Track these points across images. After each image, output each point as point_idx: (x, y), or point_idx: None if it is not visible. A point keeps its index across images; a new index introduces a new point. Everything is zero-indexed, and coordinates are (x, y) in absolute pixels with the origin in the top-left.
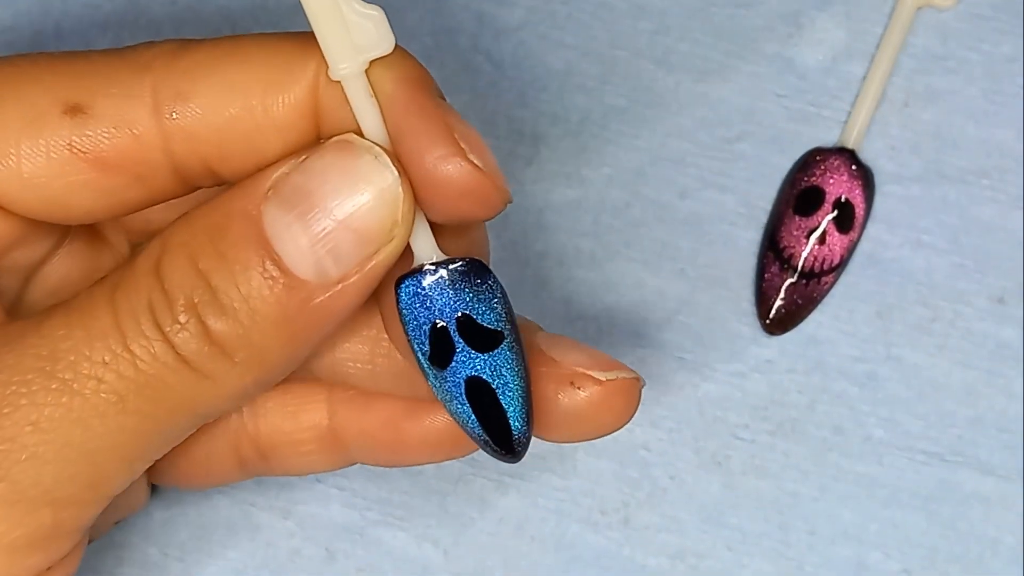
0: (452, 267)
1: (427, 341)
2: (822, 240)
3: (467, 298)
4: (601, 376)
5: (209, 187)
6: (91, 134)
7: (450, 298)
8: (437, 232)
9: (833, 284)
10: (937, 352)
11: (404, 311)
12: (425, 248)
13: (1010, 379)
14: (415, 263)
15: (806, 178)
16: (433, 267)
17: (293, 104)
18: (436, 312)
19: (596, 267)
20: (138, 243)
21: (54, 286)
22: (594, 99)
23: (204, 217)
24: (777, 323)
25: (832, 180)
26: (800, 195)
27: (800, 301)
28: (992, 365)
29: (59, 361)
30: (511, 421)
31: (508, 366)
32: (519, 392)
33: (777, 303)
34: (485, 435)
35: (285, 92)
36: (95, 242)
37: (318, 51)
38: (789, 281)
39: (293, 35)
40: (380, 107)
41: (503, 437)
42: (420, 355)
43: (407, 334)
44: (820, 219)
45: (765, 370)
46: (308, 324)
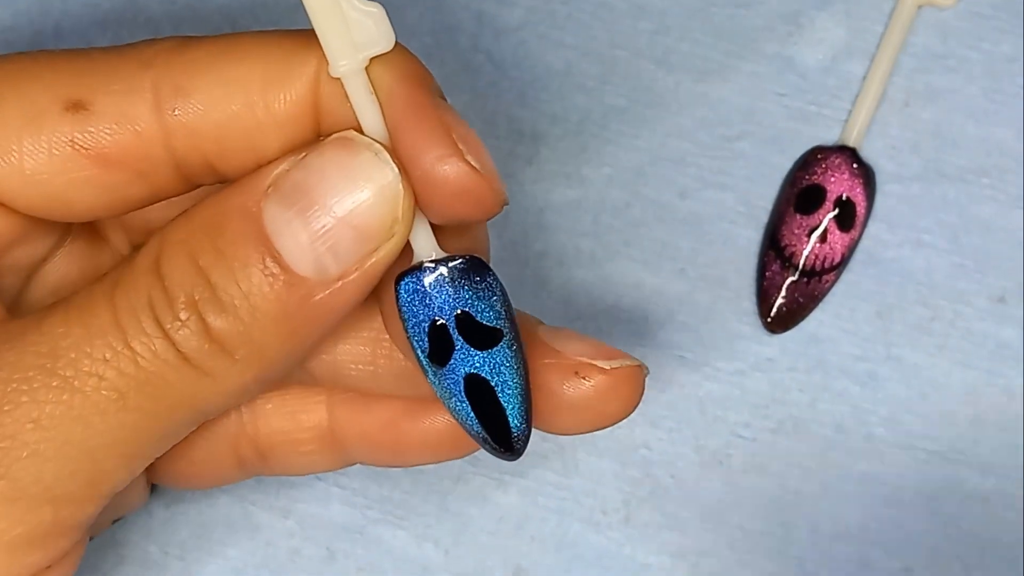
0: (452, 265)
1: (426, 339)
2: (823, 238)
3: (466, 296)
4: (605, 365)
5: (210, 184)
6: (93, 130)
7: (449, 295)
8: (437, 230)
9: (834, 283)
10: (937, 352)
11: (403, 308)
12: (425, 245)
13: (1010, 379)
14: (415, 260)
15: (807, 176)
16: (433, 264)
17: (294, 101)
18: (435, 309)
19: (596, 267)
20: (138, 243)
21: (55, 285)
22: (594, 99)
23: (203, 214)
24: (778, 321)
25: (833, 178)
26: (801, 193)
27: (801, 299)
28: (992, 365)
29: (60, 358)
30: (510, 419)
31: (507, 364)
32: (518, 390)
33: (778, 302)
34: (484, 433)
35: (286, 89)
36: (96, 241)
37: (319, 48)
38: (790, 279)
39: (294, 32)
40: (380, 104)
41: (502, 435)
42: (419, 353)
43: (406, 331)
44: (821, 217)
45: (766, 368)
46: (308, 321)
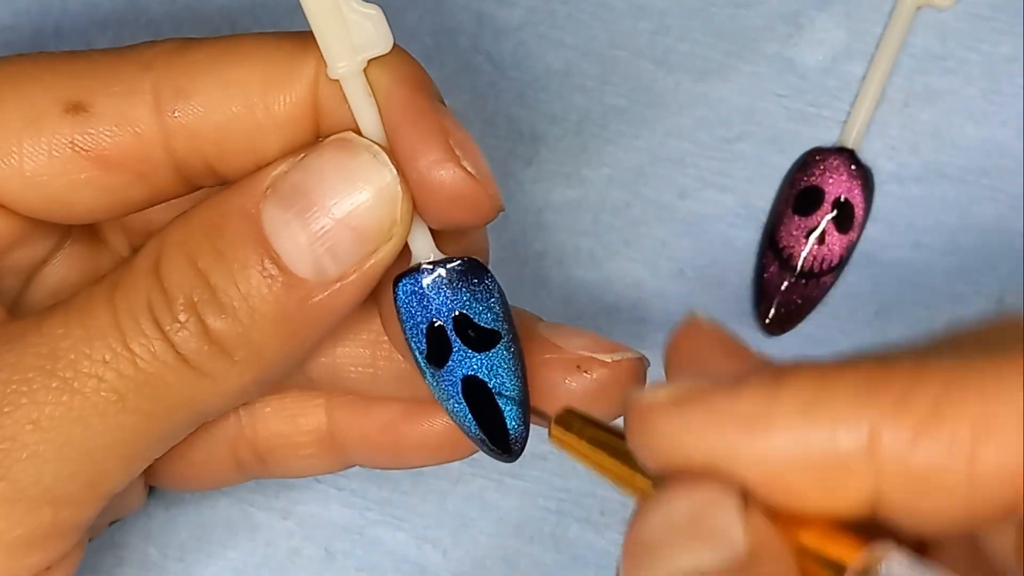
0: (450, 266)
1: (424, 340)
2: (821, 240)
3: (464, 297)
4: (606, 358)
5: (210, 186)
6: (93, 132)
7: (447, 297)
8: (435, 232)
9: (832, 284)
10: None
11: (402, 310)
12: (423, 247)
13: None
14: (413, 262)
15: (805, 178)
16: (431, 266)
17: (293, 102)
18: (433, 311)
19: (596, 267)
20: (138, 245)
21: (54, 287)
22: (594, 99)
23: (202, 215)
24: (776, 323)
25: (832, 180)
26: (799, 195)
27: (799, 301)
28: None
29: (59, 360)
30: (508, 420)
31: (505, 366)
32: (516, 391)
33: (776, 303)
34: (482, 434)
35: (286, 90)
36: (95, 244)
37: (318, 49)
38: (788, 281)
39: (293, 34)
40: (378, 106)
41: (500, 436)
42: (417, 354)
43: (404, 333)
44: (819, 219)
45: None
46: (307, 322)
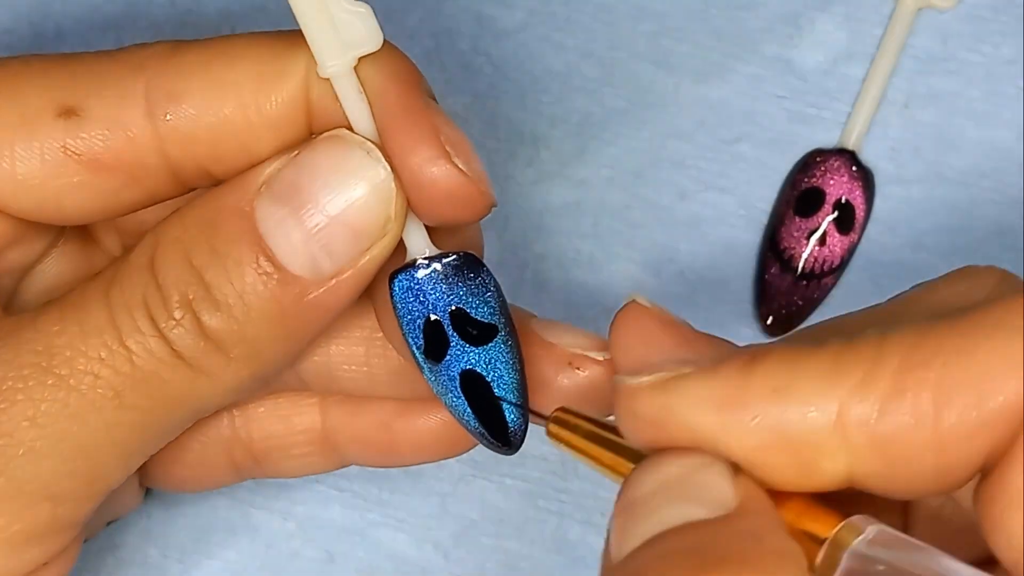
0: (445, 261)
1: (421, 335)
2: (822, 241)
3: (460, 292)
4: (599, 355)
5: (204, 188)
6: (85, 136)
7: (443, 292)
8: (430, 228)
9: (833, 285)
10: None
11: (398, 305)
12: (418, 243)
13: None
14: (408, 258)
15: (806, 179)
16: (426, 261)
17: (285, 101)
18: (430, 306)
19: (596, 269)
20: (131, 245)
21: (48, 286)
22: (594, 101)
23: (197, 212)
24: (777, 324)
25: (832, 181)
26: (800, 196)
27: (800, 302)
28: None
29: (55, 356)
30: (507, 413)
31: (502, 359)
32: (514, 385)
33: (777, 304)
34: (481, 428)
35: (277, 89)
36: (88, 243)
37: (308, 48)
38: (789, 282)
39: (284, 33)
40: (369, 104)
41: (499, 429)
42: (415, 349)
43: (401, 328)
44: (820, 220)
45: None
46: (302, 319)
